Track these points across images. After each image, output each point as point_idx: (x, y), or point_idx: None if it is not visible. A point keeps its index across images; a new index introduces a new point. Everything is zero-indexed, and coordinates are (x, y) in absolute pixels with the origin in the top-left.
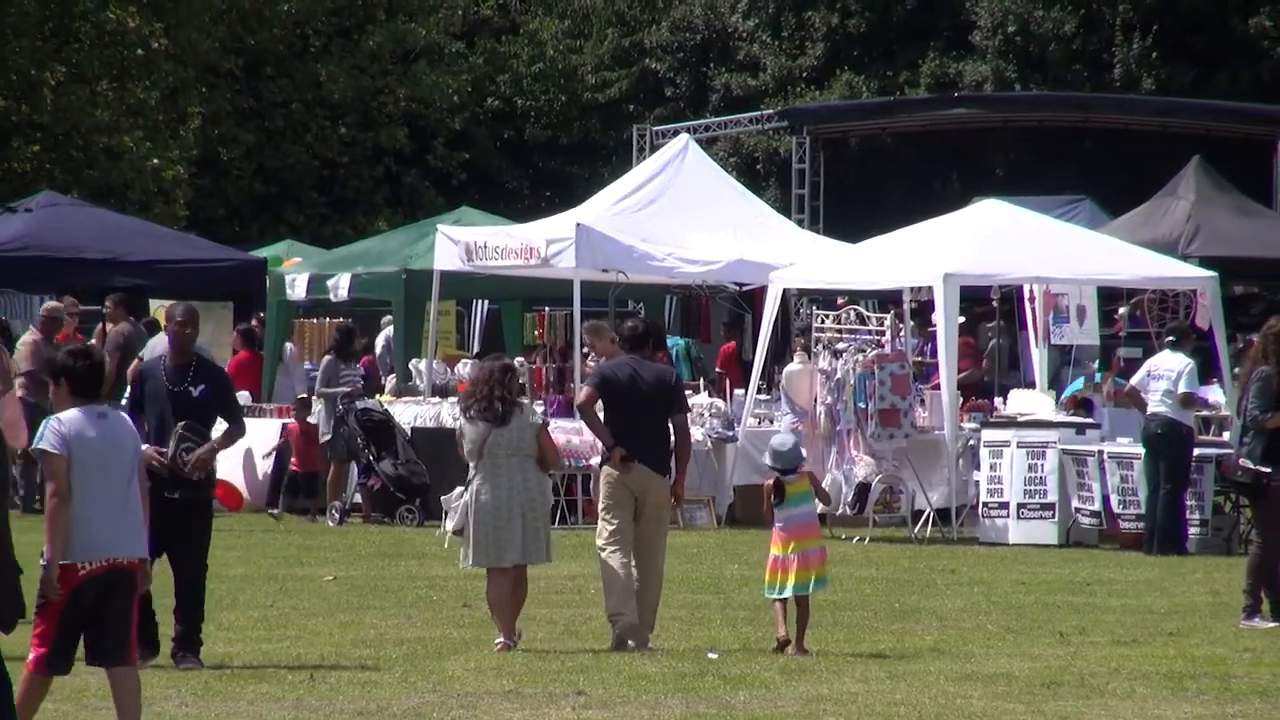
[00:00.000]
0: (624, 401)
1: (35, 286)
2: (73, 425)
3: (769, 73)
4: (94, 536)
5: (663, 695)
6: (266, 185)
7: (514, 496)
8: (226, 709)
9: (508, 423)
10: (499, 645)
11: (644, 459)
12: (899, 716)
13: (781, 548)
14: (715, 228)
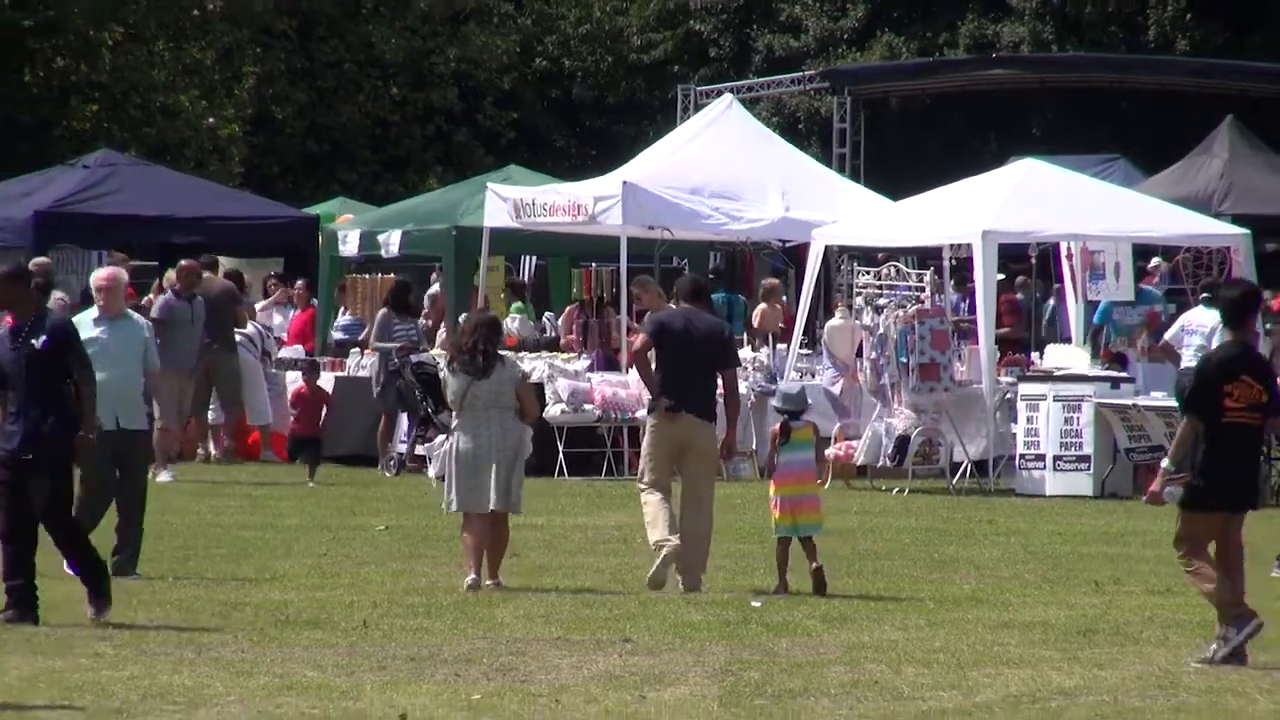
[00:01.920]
0: (676, 350)
1: (92, 242)
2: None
3: (811, 34)
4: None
5: (707, 642)
6: (319, 143)
7: (492, 446)
8: (282, 654)
9: (488, 375)
10: (469, 583)
11: (690, 407)
12: (938, 663)
13: (777, 488)
14: (758, 186)
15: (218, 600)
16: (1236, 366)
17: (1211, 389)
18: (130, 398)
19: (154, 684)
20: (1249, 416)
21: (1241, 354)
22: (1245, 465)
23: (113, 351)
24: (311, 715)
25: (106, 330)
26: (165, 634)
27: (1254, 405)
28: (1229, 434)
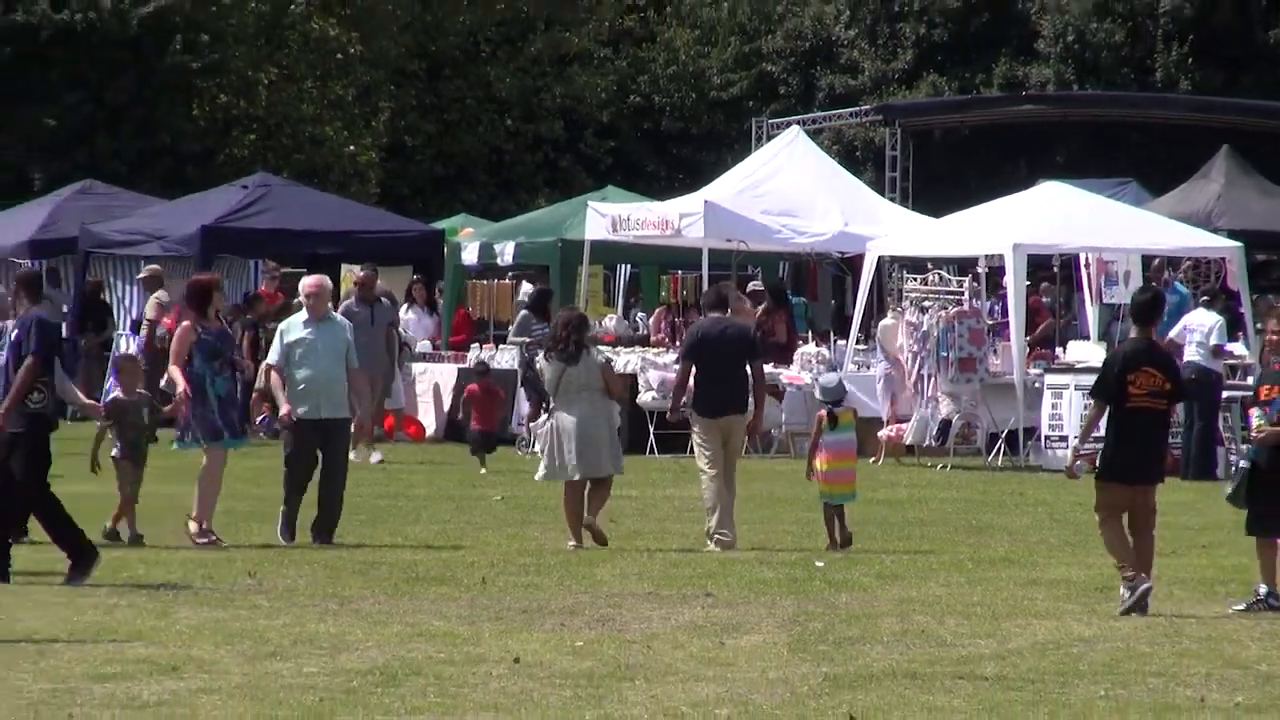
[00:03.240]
0: (713, 353)
1: (250, 253)
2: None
3: (866, 74)
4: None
5: (778, 597)
6: (445, 168)
7: (587, 421)
8: (413, 606)
9: (578, 362)
10: (571, 546)
11: (728, 401)
12: (976, 615)
13: (825, 464)
14: (821, 205)
15: (357, 560)
16: (1140, 359)
17: (1117, 378)
18: (333, 390)
19: (303, 631)
20: (1151, 402)
21: (1145, 348)
22: (1148, 444)
23: (319, 350)
24: (438, 659)
25: (314, 331)
26: (313, 589)
27: (1156, 392)
28: (1132, 416)
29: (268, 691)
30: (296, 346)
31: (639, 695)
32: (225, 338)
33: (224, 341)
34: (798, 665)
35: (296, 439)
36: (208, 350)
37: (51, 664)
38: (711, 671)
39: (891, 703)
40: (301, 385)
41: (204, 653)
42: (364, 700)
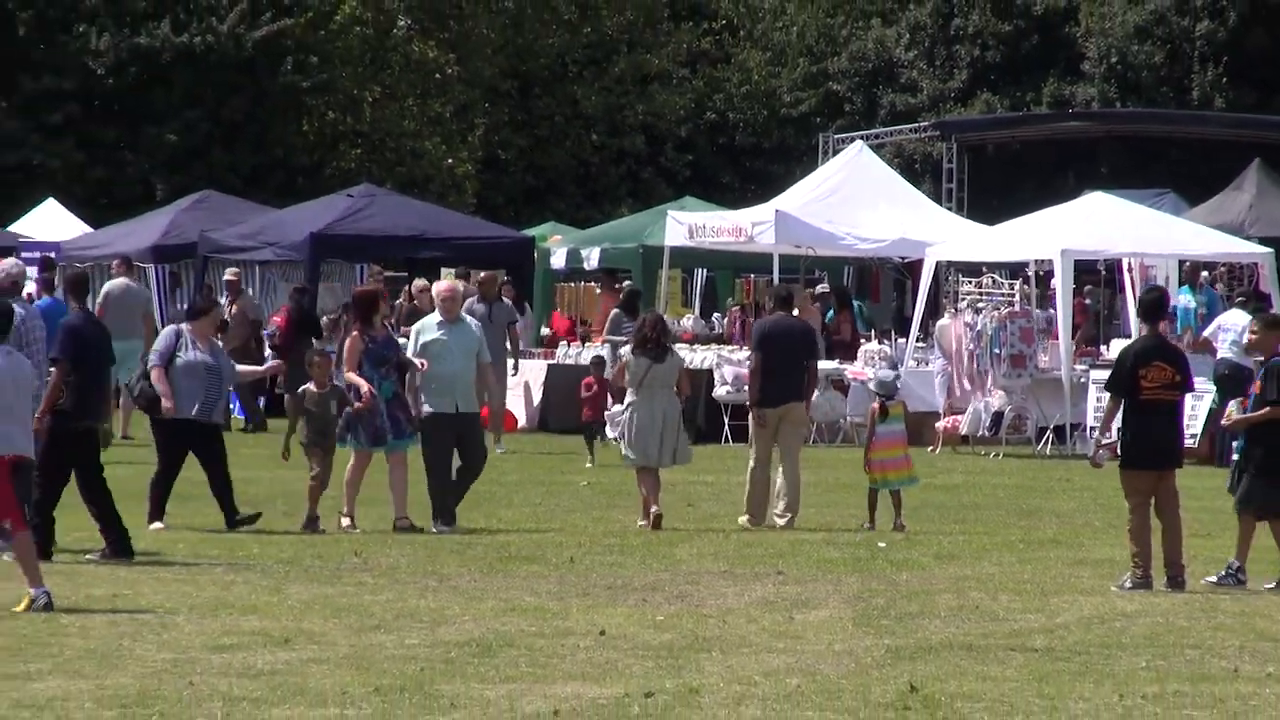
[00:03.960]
0: (777, 348)
1: (355, 257)
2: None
3: (925, 93)
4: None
5: (843, 574)
6: (535, 180)
7: (664, 415)
8: (506, 583)
9: (664, 360)
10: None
11: (787, 390)
12: (1026, 591)
13: (874, 453)
14: (882, 213)
15: (455, 541)
16: (1151, 354)
17: (1129, 373)
18: (467, 386)
19: (405, 606)
20: (1163, 393)
21: (1155, 344)
22: (1163, 432)
23: (454, 349)
24: (529, 632)
25: (448, 332)
26: (414, 567)
27: (1167, 384)
28: (1146, 408)
29: (372, 661)
30: (432, 346)
31: (715, 665)
32: (390, 344)
33: (389, 348)
34: (862, 638)
35: (435, 433)
36: (375, 357)
37: (173, 636)
38: (782, 644)
39: (949, 672)
40: (435, 383)
41: (314, 625)
42: (461, 670)
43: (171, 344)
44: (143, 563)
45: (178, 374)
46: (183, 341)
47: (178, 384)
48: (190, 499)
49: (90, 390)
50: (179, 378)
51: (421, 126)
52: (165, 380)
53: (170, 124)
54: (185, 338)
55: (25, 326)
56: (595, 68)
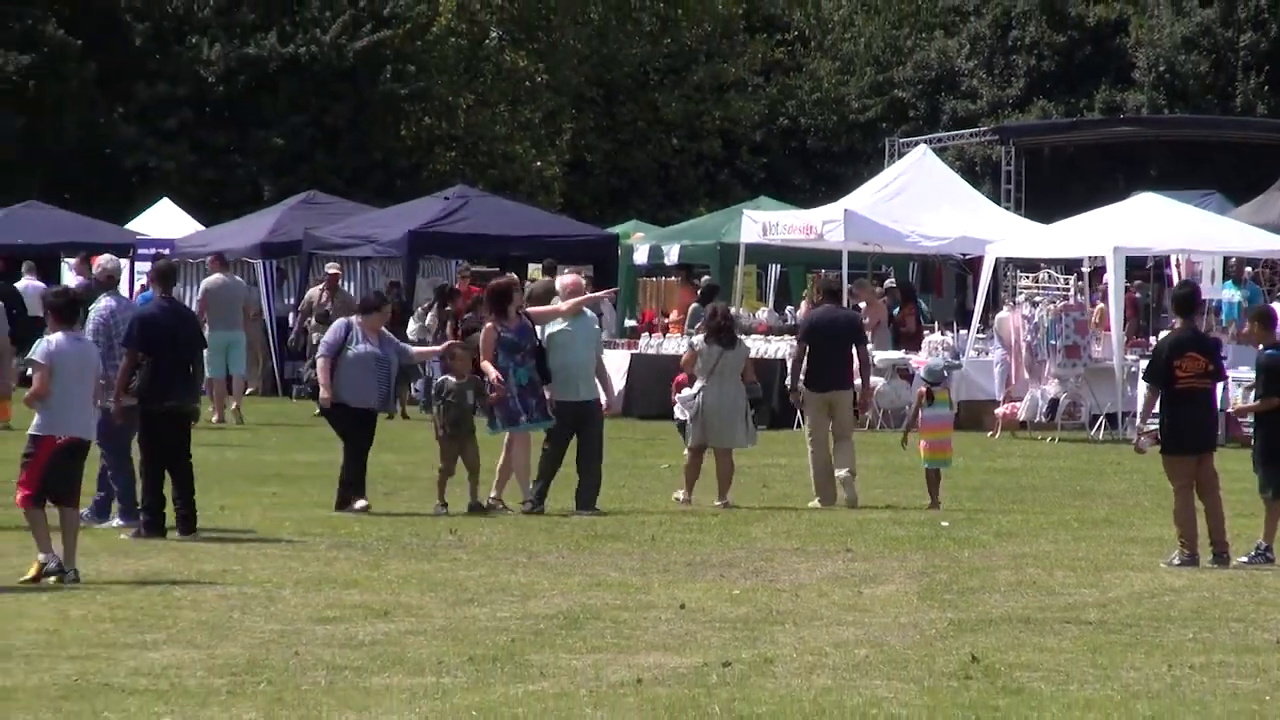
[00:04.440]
0: (825, 338)
1: (450, 254)
2: (59, 344)
3: (984, 100)
4: (69, 420)
5: (908, 551)
6: (619, 181)
7: (731, 399)
8: (592, 559)
9: (734, 347)
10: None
11: (835, 379)
12: (1080, 568)
13: (923, 434)
14: (945, 213)
15: (544, 520)
16: (1185, 345)
17: (1165, 364)
18: (589, 375)
19: (497, 581)
20: (1197, 382)
21: (1189, 336)
22: (1198, 418)
23: (577, 340)
24: (614, 605)
25: (572, 323)
26: (505, 544)
27: (1200, 374)
28: (1182, 396)
29: (466, 633)
30: (558, 337)
31: (788, 637)
32: (524, 333)
33: (523, 336)
34: (926, 611)
35: (559, 420)
36: (509, 346)
37: (280, 609)
38: (851, 617)
39: (1008, 644)
40: (561, 372)
41: (411, 599)
42: (550, 641)
43: (341, 337)
44: (252, 539)
45: (348, 365)
46: (352, 335)
47: (348, 375)
48: (297, 480)
49: (168, 374)
50: (349, 369)
51: (512, 131)
52: (328, 372)
53: (277, 129)
54: (355, 331)
55: (115, 319)
56: (675, 76)
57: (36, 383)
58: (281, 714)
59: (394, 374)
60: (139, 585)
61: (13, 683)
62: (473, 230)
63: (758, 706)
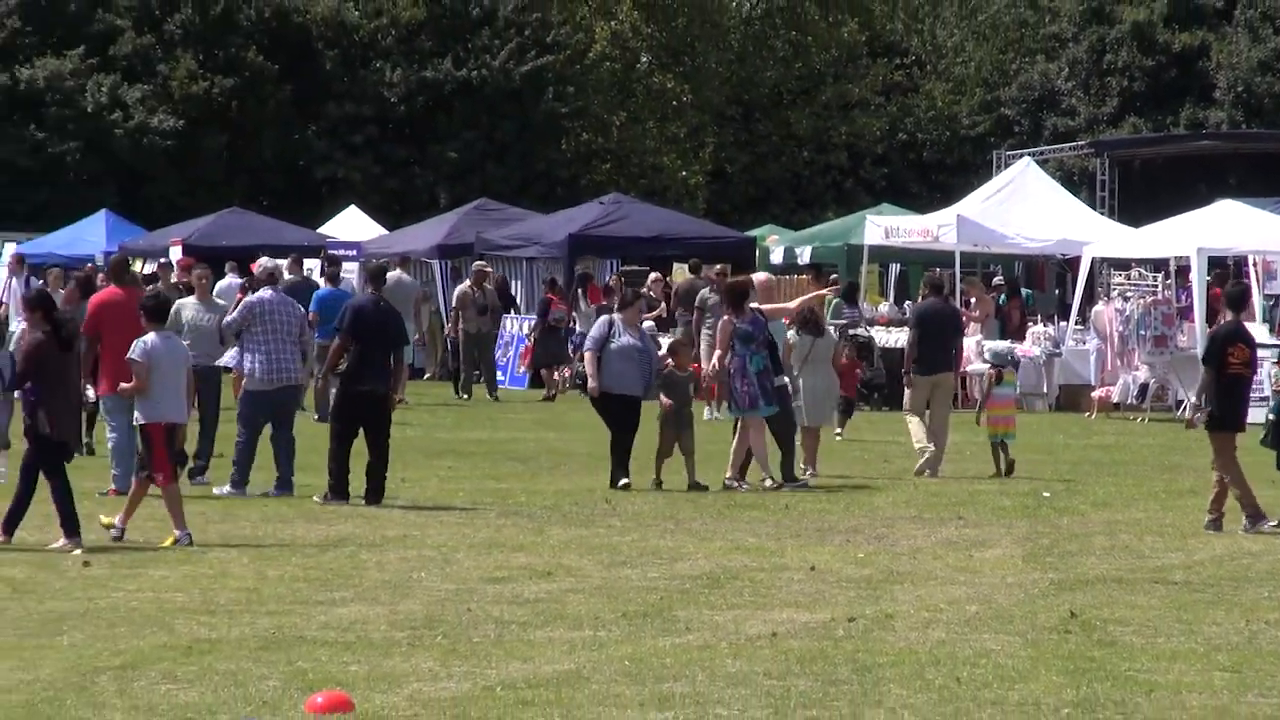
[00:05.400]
0: (931, 328)
1: (605, 254)
2: (153, 344)
3: (1081, 116)
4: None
5: (1014, 520)
6: (756, 189)
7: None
8: (732, 526)
9: (822, 336)
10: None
11: (937, 362)
12: (1167, 534)
13: (990, 411)
14: (1046, 217)
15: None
16: (1235, 337)
17: (1220, 351)
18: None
19: (647, 545)
20: (1243, 370)
21: (1237, 329)
22: (1243, 400)
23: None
24: (752, 567)
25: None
26: (655, 512)
27: (1245, 362)
28: (1232, 382)
29: (620, 591)
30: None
31: (907, 595)
32: (758, 324)
33: (756, 327)
34: (1030, 573)
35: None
36: (744, 336)
37: (454, 570)
38: (963, 577)
39: (1102, 601)
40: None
41: (571, 561)
42: (694, 598)
43: (605, 332)
44: (429, 508)
45: (612, 357)
46: (615, 329)
47: (612, 366)
48: (469, 455)
49: (369, 361)
50: (613, 360)
51: (660, 145)
52: (596, 363)
53: (451, 143)
54: (617, 325)
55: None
56: (806, 96)
57: (136, 378)
58: (455, 664)
59: (653, 363)
60: (329, 548)
61: (218, 635)
62: (626, 233)
63: (879, 657)
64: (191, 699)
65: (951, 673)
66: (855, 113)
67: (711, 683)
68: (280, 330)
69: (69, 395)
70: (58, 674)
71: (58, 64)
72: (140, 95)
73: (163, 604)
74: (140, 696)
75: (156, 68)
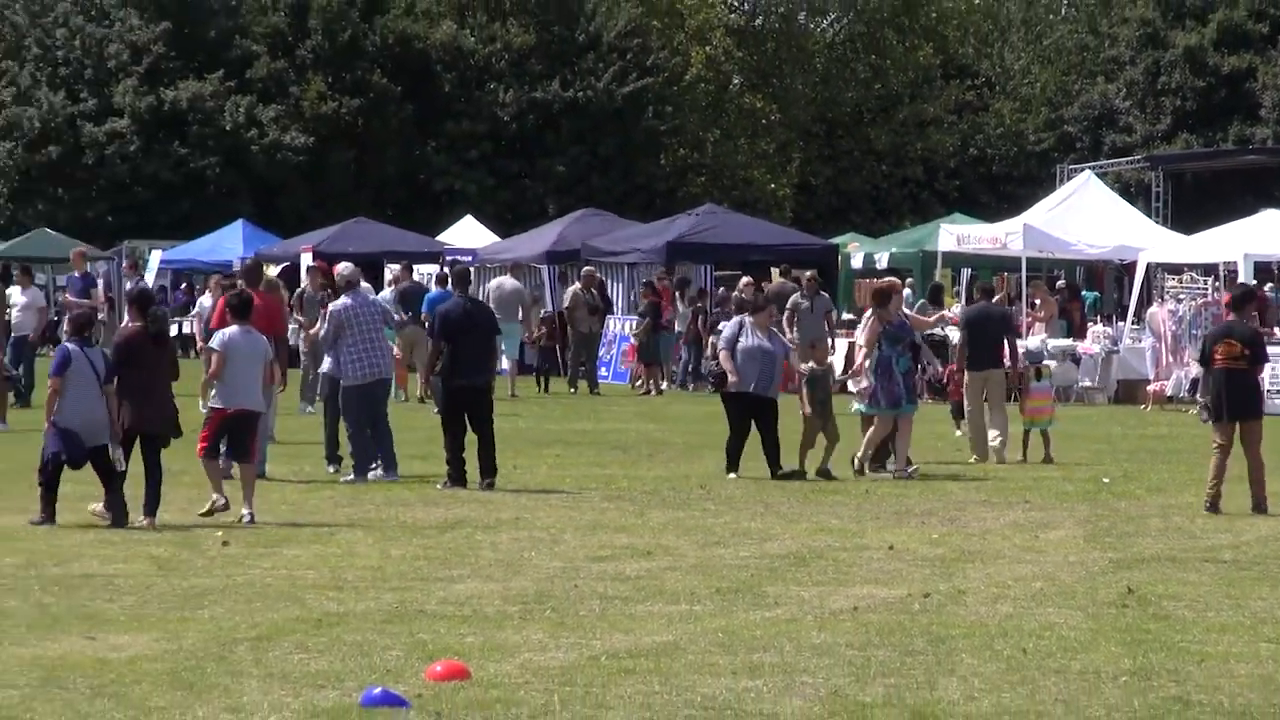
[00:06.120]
0: (981, 329)
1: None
2: (231, 335)
3: (1137, 134)
4: (237, 395)
5: (1076, 503)
6: (838, 200)
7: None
8: (816, 510)
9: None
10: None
11: (987, 359)
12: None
13: (1028, 401)
14: (1105, 226)
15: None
16: (1221, 336)
17: (1209, 350)
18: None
19: (739, 526)
20: (1229, 363)
21: (1228, 328)
22: (1234, 393)
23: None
24: (835, 547)
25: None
26: (746, 497)
27: (1233, 356)
28: (1219, 376)
29: (714, 569)
30: None
31: (977, 572)
32: (904, 327)
33: (903, 330)
34: (1090, 552)
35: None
36: (891, 337)
37: (562, 549)
38: (1029, 556)
39: (1157, 578)
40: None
41: (669, 541)
42: (782, 575)
43: (735, 333)
44: (539, 492)
45: (742, 357)
46: (744, 330)
47: (741, 365)
48: (575, 445)
49: (461, 357)
50: (743, 360)
51: (750, 160)
52: (731, 360)
53: (559, 158)
54: (747, 327)
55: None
56: (884, 114)
57: (213, 365)
58: (563, 635)
59: (779, 364)
60: (447, 529)
61: (345, 609)
62: (719, 240)
63: (952, 630)
64: (321, 667)
65: (1018, 644)
66: (930, 130)
67: (798, 653)
68: (365, 330)
69: (156, 385)
70: (199, 644)
71: (199, 86)
72: (274, 115)
73: (295, 580)
74: (274, 665)
75: (289, 89)
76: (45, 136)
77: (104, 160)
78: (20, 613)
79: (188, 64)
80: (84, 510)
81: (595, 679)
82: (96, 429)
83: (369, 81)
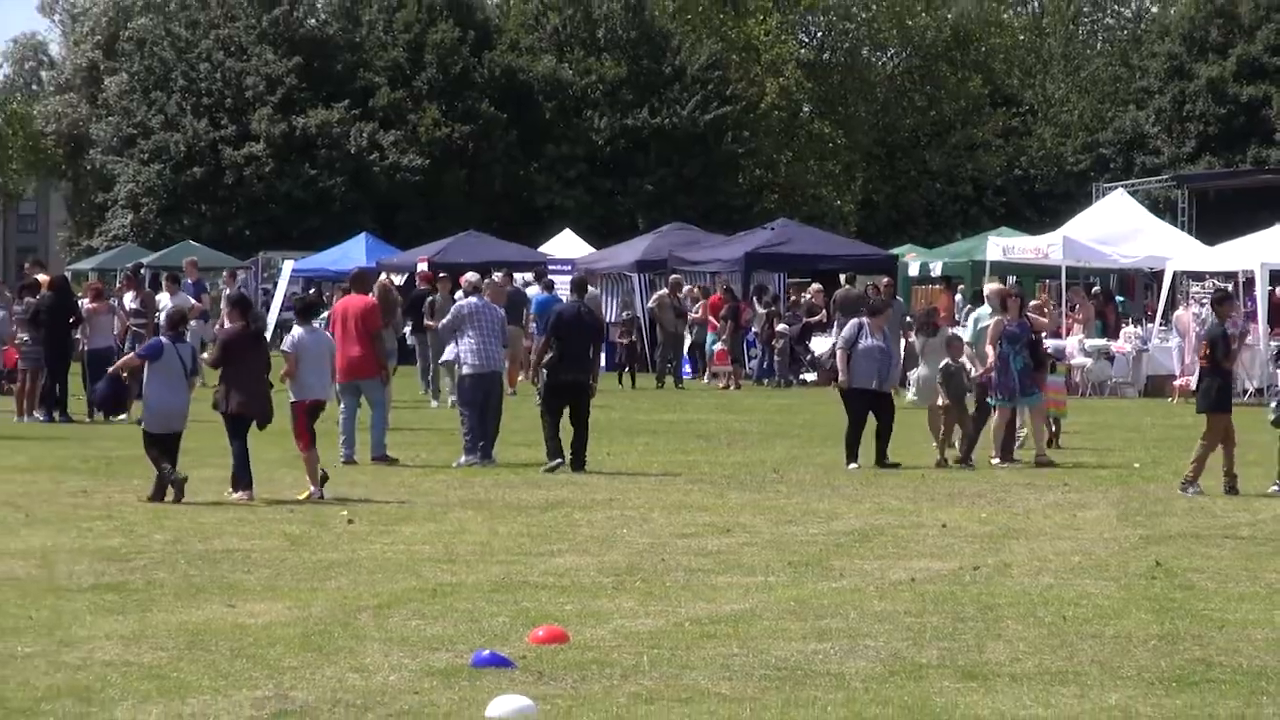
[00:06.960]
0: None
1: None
2: (300, 337)
3: (1165, 155)
4: (311, 388)
5: (1110, 486)
6: (898, 215)
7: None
8: (879, 491)
9: (935, 335)
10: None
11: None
12: (1237, 497)
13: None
14: (1136, 238)
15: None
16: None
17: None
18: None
19: (808, 507)
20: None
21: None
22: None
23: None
24: (894, 525)
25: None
26: (816, 481)
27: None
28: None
29: (786, 545)
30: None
31: (1021, 547)
32: (1024, 327)
33: (1022, 329)
34: (1122, 529)
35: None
36: (1011, 337)
37: (650, 526)
38: (1067, 533)
39: (1182, 553)
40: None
41: (745, 520)
42: (846, 550)
43: (855, 333)
44: (630, 475)
45: (860, 356)
46: (863, 331)
47: (858, 364)
48: (662, 434)
49: (568, 355)
50: (860, 360)
51: (819, 179)
52: (846, 360)
53: (648, 178)
54: (865, 328)
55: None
56: (938, 139)
57: (287, 365)
58: (651, 603)
59: (896, 362)
60: (549, 509)
61: (457, 580)
62: (791, 251)
63: (999, 598)
64: (436, 632)
65: (1058, 611)
66: (979, 152)
67: (861, 619)
68: (484, 327)
69: (256, 376)
70: (326, 612)
71: (327, 114)
72: (394, 139)
73: (413, 555)
74: (394, 630)
75: (407, 117)
76: (190, 159)
77: (242, 180)
78: (168, 583)
79: (317, 94)
80: (224, 495)
81: (680, 642)
82: (175, 417)
83: (478, 109)
